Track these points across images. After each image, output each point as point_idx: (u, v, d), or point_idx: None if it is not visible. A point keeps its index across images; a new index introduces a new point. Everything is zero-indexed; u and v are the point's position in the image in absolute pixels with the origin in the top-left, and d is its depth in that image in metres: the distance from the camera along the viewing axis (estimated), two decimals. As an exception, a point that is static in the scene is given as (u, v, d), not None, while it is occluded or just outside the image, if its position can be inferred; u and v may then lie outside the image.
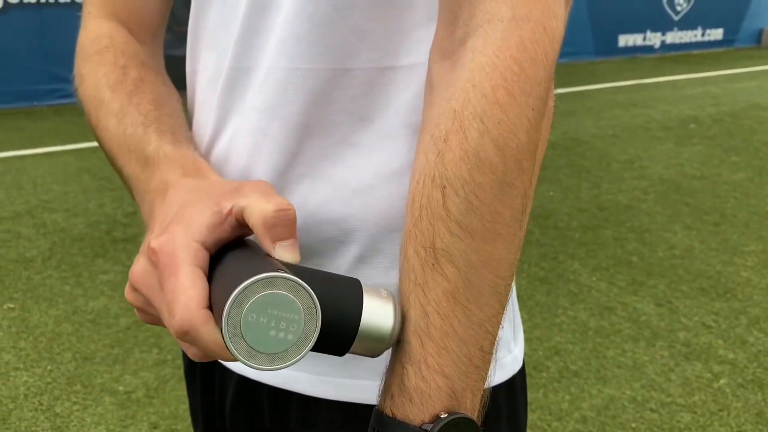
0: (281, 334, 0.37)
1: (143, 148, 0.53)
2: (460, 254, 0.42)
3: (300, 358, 0.38)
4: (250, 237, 0.45)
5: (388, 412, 0.43)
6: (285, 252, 0.42)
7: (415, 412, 0.42)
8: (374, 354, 0.44)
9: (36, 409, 2.16)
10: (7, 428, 2.07)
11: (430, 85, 0.47)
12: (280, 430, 0.61)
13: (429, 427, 0.41)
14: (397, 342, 0.44)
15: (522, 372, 0.65)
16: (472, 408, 0.43)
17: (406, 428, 0.41)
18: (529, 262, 3.26)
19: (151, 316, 0.46)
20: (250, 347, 0.37)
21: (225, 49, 0.56)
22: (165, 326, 0.44)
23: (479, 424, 0.43)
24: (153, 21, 0.65)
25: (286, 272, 0.38)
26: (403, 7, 0.51)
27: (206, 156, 0.59)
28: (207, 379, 0.68)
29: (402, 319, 0.44)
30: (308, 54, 0.51)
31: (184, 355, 0.73)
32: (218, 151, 0.57)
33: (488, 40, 0.43)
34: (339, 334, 0.41)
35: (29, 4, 6.23)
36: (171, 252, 0.41)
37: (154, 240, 0.43)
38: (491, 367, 0.45)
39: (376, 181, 0.53)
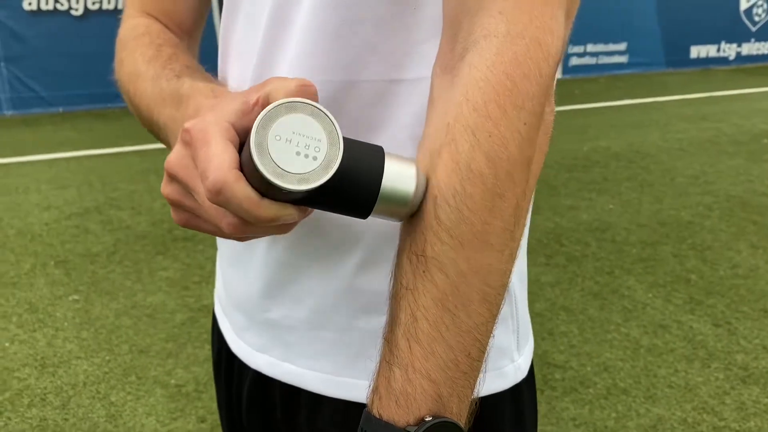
0: (307, 155, 0.39)
1: (178, 90, 0.55)
2: (449, 262, 0.43)
3: (325, 180, 0.39)
4: None
5: (375, 412, 0.44)
6: None
7: (400, 413, 0.43)
8: (398, 217, 0.44)
9: (93, 397, 2.26)
10: (66, 413, 2.17)
11: (431, 99, 0.48)
12: (290, 426, 0.63)
13: (413, 429, 0.42)
14: (388, 329, 0.45)
15: (530, 381, 0.65)
16: (458, 413, 0.44)
17: (391, 429, 0.42)
18: (583, 275, 3.20)
19: (187, 213, 0.46)
20: (278, 166, 0.39)
21: (249, 60, 0.59)
22: (200, 225, 0.45)
23: (466, 429, 0.44)
24: (187, 22, 0.68)
25: (310, 101, 0.39)
26: (410, 22, 0.52)
27: None
28: (229, 372, 0.71)
29: (425, 183, 0.44)
30: (320, 66, 0.53)
31: (213, 347, 0.77)
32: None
33: (483, 56, 0.43)
34: (363, 189, 0.42)
35: (107, 10, 6.53)
36: (203, 128, 0.43)
37: (187, 123, 0.44)
38: (481, 374, 0.45)
39: None
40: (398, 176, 0.43)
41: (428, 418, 0.42)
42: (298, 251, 0.57)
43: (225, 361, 0.71)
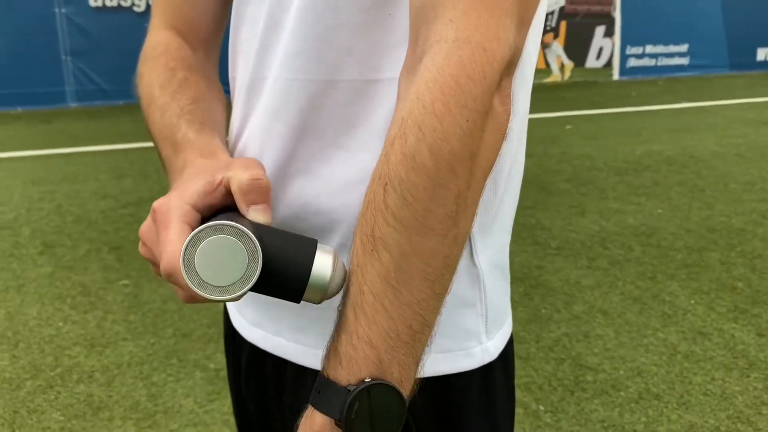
0: (227, 272, 0.45)
1: (174, 135, 0.62)
2: (394, 243, 0.47)
3: (243, 294, 0.46)
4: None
5: (324, 373, 0.49)
6: (257, 214, 0.51)
7: (343, 374, 0.48)
8: (317, 301, 0.50)
9: (136, 377, 2.37)
10: (110, 391, 2.29)
11: (397, 97, 0.53)
12: (280, 396, 0.69)
13: (353, 388, 0.47)
14: (342, 302, 0.50)
15: (505, 365, 0.68)
16: (399, 378, 0.48)
17: (334, 387, 0.48)
18: (624, 279, 3.17)
19: (157, 267, 0.53)
20: (202, 280, 0.45)
21: (248, 61, 0.65)
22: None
23: (408, 396, 0.49)
24: (206, 31, 0.74)
25: (233, 223, 0.45)
26: (385, 28, 0.57)
27: (233, 146, 0.67)
28: (231, 345, 0.77)
29: (344, 275, 0.50)
30: (305, 67, 0.59)
31: (224, 323, 0.83)
32: (241, 145, 0.66)
33: (434, 59, 0.48)
34: (290, 279, 0.48)
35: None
36: (166, 211, 0.51)
37: (156, 203, 0.52)
38: (426, 346, 0.50)
39: (358, 179, 0.59)
40: (323, 269, 0.49)
41: (367, 380, 0.47)
42: None
43: (230, 336, 0.77)
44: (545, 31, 9.40)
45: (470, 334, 0.64)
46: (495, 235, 0.66)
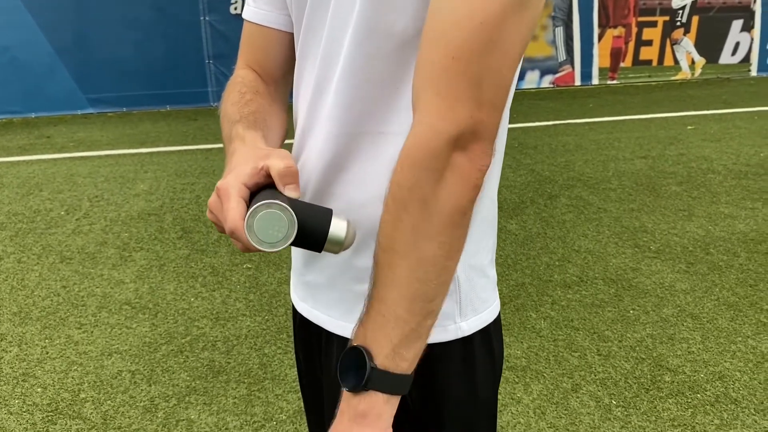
0: (275, 233, 0.67)
1: (231, 133, 0.84)
2: (375, 256, 0.71)
3: (284, 247, 0.68)
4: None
5: (352, 336, 0.73)
6: (291, 192, 0.71)
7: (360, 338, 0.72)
8: (337, 252, 0.72)
9: (251, 348, 2.73)
10: (228, 359, 2.66)
11: None
12: (318, 354, 0.94)
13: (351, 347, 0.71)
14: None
15: (486, 341, 0.88)
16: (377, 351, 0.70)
17: (353, 347, 0.71)
18: (722, 286, 3.16)
19: (221, 227, 0.75)
20: (259, 238, 0.68)
21: (303, 112, 0.88)
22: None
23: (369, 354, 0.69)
24: (276, 73, 0.97)
25: (279, 201, 0.67)
26: (396, 102, 0.79)
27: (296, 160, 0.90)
28: (292, 316, 1.03)
29: (354, 235, 0.72)
30: (340, 121, 0.81)
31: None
32: (299, 166, 0.89)
33: (408, 136, 0.70)
34: (315, 236, 0.71)
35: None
36: (226, 189, 0.69)
37: (219, 182, 0.73)
38: (401, 331, 0.69)
39: (371, 201, 0.81)
40: (338, 230, 0.71)
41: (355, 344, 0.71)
42: None
43: (293, 309, 1.03)
44: (675, 27, 9.04)
45: (446, 315, 0.85)
46: (468, 245, 0.81)
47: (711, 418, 2.24)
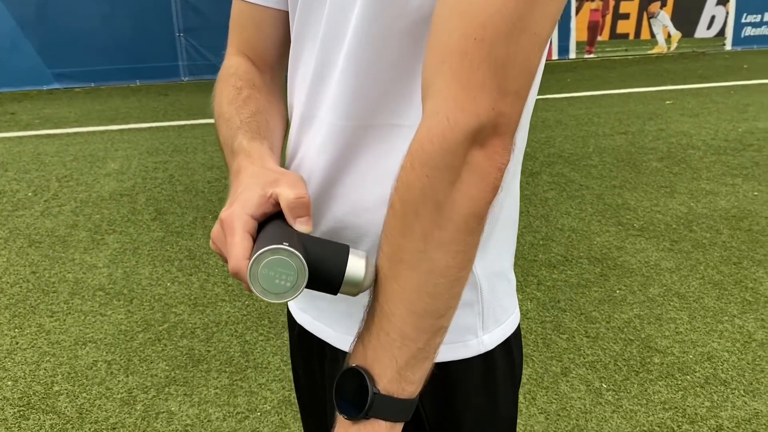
0: (282, 283, 0.59)
1: (232, 143, 0.76)
2: (381, 266, 0.63)
3: (293, 299, 0.60)
4: None
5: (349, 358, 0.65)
6: (301, 225, 0.64)
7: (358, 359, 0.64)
8: (354, 294, 0.64)
9: (231, 335, 2.65)
10: (209, 347, 2.57)
11: None
12: (320, 371, 0.86)
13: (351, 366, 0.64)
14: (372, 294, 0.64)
15: (507, 354, 0.81)
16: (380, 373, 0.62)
17: (351, 368, 0.64)
18: (706, 264, 3.14)
19: (226, 262, 0.68)
20: (264, 288, 0.60)
21: (301, 100, 0.78)
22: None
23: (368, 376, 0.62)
24: (271, 57, 0.88)
25: (287, 246, 0.59)
26: (410, 90, 0.69)
27: (289, 163, 0.81)
28: (288, 323, 0.94)
29: (375, 274, 0.64)
30: (346, 113, 0.72)
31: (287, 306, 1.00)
32: (294, 166, 0.80)
33: (418, 128, 0.61)
34: (330, 279, 0.63)
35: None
36: (231, 221, 0.64)
37: (222, 212, 0.66)
38: (405, 347, 0.62)
39: (380, 204, 0.70)
40: (356, 270, 0.62)
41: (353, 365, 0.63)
42: None
43: (289, 315, 0.95)
44: (651, 1, 9.00)
45: (468, 329, 0.77)
46: (491, 250, 0.77)
47: (701, 400, 2.23)
